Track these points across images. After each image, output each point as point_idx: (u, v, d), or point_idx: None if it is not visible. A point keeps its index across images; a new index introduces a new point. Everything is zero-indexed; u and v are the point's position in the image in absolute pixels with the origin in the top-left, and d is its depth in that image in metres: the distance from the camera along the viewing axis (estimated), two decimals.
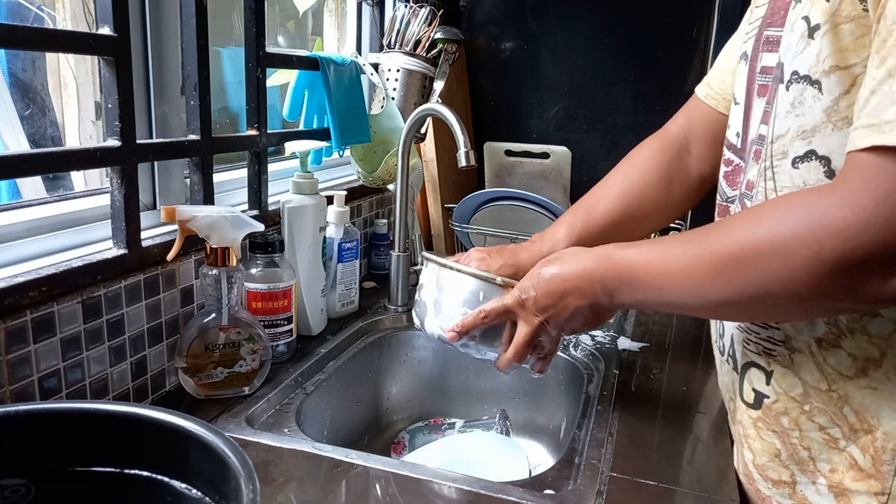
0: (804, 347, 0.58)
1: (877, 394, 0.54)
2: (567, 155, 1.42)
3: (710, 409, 0.83)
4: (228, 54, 1.27)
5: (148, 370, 0.78)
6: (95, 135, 1.30)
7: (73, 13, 1.20)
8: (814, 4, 0.51)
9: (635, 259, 0.61)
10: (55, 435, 0.46)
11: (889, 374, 0.53)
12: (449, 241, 1.46)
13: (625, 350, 1.01)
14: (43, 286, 0.63)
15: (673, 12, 1.43)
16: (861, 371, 0.54)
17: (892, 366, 0.53)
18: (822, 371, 0.57)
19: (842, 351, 0.55)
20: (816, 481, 0.58)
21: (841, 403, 0.56)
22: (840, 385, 0.56)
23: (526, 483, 0.67)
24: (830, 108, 0.51)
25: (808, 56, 0.52)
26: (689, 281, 0.56)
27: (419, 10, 1.24)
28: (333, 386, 0.93)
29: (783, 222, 0.49)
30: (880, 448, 0.54)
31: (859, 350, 0.54)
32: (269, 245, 0.88)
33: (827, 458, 0.57)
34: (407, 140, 1.06)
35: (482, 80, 1.58)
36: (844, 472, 0.56)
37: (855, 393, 0.55)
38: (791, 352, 0.59)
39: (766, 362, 0.61)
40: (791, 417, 0.59)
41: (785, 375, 0.59)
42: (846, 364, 0.55)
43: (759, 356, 0.62)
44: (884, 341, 0.53)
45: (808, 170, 0.54)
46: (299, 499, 0.63)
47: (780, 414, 0.60)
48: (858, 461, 0.56)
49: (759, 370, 0.62)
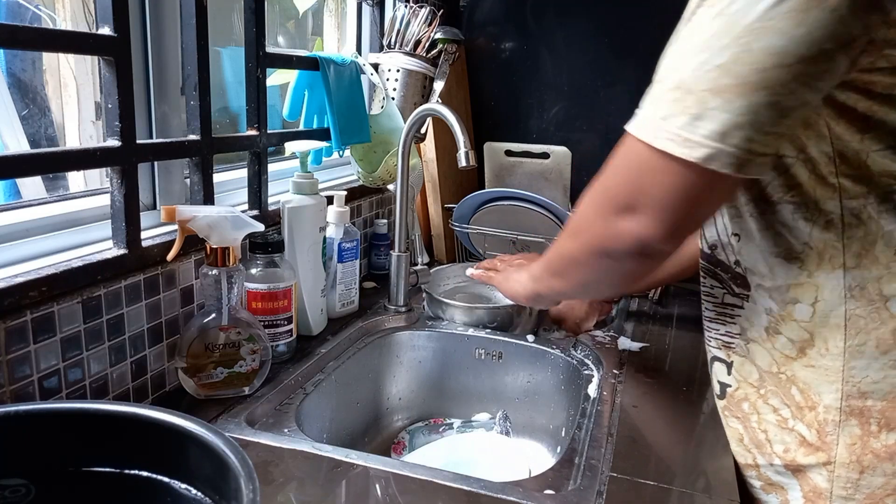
0: (756, 337, 0.66)
1: (815, 371, 0.61)
2: (567, 155, 1.41)
3: (709, 409, 0.83)
4: (228, 54, 1.27)
5: (148, 370, 0.78)
6: (95, 135, 1.30)
7: (73, 13, 1.20)
8: None
9: (543, 258, 0.77)
10: (55, 435, 0.46)
11: (821, 352, 0.60)
12: (449, 242, 1.46)
13: (625, 350, 1.01)
14: (43, 286, 0.63)
15: (673, 12, 1.42)
16: (801, 351, 0.62)
17: (821, 345, 0.60)
18: (772, 356, 0.64)
19: (782, 336, 0.63)
20: (773, 462, 0.66)
21: (789, 384, 0.63)
22: (787, 367, 0.63)
23: (526, 483, 0.67)
24: None
25: None
26: (552, 272, 0.74)
27: (419, 10, 1.24)
28: (333, 386, 0.93)
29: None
30: (822, 421, 0.61)
31: (794, 334, 0.62)
32: (269, 245, 0.88)
33: (780, 438, 0.64)
34: (407, 140, 1.06)
35: (482, 80, 1.58)
36: (796, 449, 0.63)
37: (799, 372, 0.62)
38: (747, 342, 0.67)
39: (727, 355, 0.70)
40: (750, 402, 0.67)
41: (743, 363, 0.68)
42: (788, 346, 0.63)
43: (719, 350, 0.71)
44: (809, 324, 0.60)
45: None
46: (299, 499, 0.63)
47: (742, 400, 0.68)
48: (806, 437, 0.62)
49: (720, 363, 0.71)
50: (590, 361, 0.98)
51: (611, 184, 0.57)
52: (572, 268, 0.67)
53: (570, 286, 0.72)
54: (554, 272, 0.73)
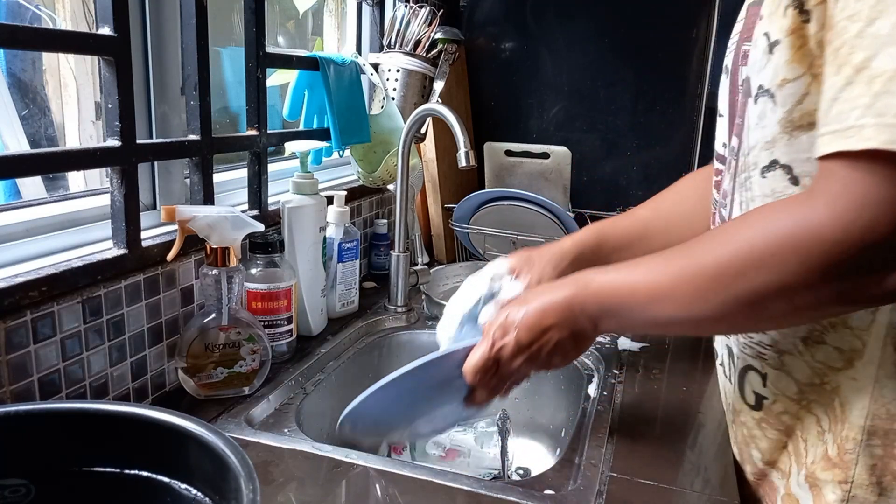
0: (791, 348, 0.59)
1: (857, 384, 0.56)
2: (567, 155, 1.41)
3: (709, 410, 0.83)
4: (228, 54, 1.27)
5: (148, 370, 0.78)
6: (95, 135, 1.30)
7: (73, 13, 1.19)
8: (772, 21, 0.54)
9: (618, 281, 0.60)
10: (55, 435, 0.46)
11: (868, 365, 0.55)
12: (449, 242, 1.46)
13: (625, 350, 1.01)
14: (43, 286, 0.63)
15: (673, 12, 1.43)
16: (848, 362, 0.56)
17: (872, 356, 0.55)
18: (812, 368, 0.58)
19: (827, 346, 0.57)
20: (800, 473, 0.61)
21: (833, 395, 0.57)
22: (831, 377, 0.57)
23: (526, 483, 0.67)
24: (784, 119, 0.54)
25: (769, 70, 0.54)
26: (678, 298, 0.55)
27: (419, 10, 1.24)
28: (333, 386, 0.93)
29: (768, 232, 0.49)
30: (845, 438, 0.57)
31: (843, 342, 0.56)
32: (269, 245, 0.88)
33: (814, 450, 0.60)
34: (407, 140, 1.06)
35: (482, 80, 1.58)
36: (818, 462, 0.59)
37: (844, 383, 0.56)
38: (780, 354, 0.60)
39: (761, 365, 0.62)
40: (791, 414, 0.61)
41: (779, 377, 0.61)
42: (834, 357, 0.56)
43: (754, 360, 0.63)
44: (864, 332, 0.55)
45: (775, 178, 0.56)
46: (299, 499, 0.63)
47: (781, 413, 0.62)
48: (828, 451, 0.58)
49: (755, 373, 0.63)
50: (590, 361, 0.98)
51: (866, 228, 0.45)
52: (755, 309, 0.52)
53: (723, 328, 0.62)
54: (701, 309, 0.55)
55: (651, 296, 0.57)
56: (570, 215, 1.28)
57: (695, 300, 0.54)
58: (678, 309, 0.55)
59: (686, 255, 0.56)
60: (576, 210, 1.40)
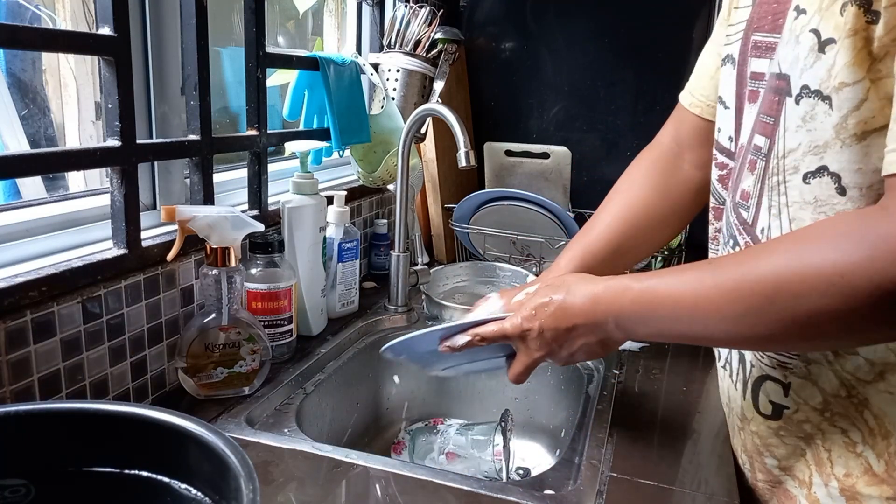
0: (820, 358, 0.56)
1: (894, 399, 0.53)
2: (567, 155, 1.41)
3: (709, 410, 0.83)
4: (228, 54, 1.27)
5: (148, 370, 0.78)
6: (95, 135, 1.30)
7: (73, 13, 1.19)
8: (824, 18, 0.50)
9: (660, 291, 0.57)
10: (55, 435, 0.46)
11: None
12: (449, 242, 1.46)
13: (625, 350, 1.01)
14: (43, 286, 0.63)
15: (673, 12, 1.43)
16: (879, 375, 0.53)
17: None
18: (841, 378, 0.56)
19: (858, 357, 0.54)
20: (829, 484, 0.58)
21: (861, 408, 0.55)
22: (859, 390, 0.55)
23: (526, 483, 0.67)
24: (839, 124, 0.50)
25: (819, 71, 0.50)
26: (728, 313, 0.52)
27: (419, 10, 1.24)
28: (333, 386, 0.93)
29: (838, 249, 0.46)
30: (893, 453, 0.54)
31: (876, 355, 0.53)
32: (269, 245, 0.88)
33: (844, 462, 0.57)
34: (407, 140, 1.06)
35: (482, 80, 1.58)
36: (858, 476, 0.56)
37: (875, 397, 0.54)
38: (807, 363, 0.58)
39: (783, 375, 0.60)
40: (813, 423, 0.59)
41: (803, 386, 0.58)
42: (864, 369, 0.54)
43: (773, 369, 0.60)
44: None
45: (820, 186, 0.52)
46: (299, 499, 0.63)
47: (802, 422, 0.60)
48: (873, 466, 0.55)
49: (774, 383, 0.61)
50: (590, 361, 0.98)
51: None
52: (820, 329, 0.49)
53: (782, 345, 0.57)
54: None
55: (697, 308, 0.54)
56: (570, 215, 1.28)
57: (746, 316, 0.51)
58: (726, 324, 0.53)
59: (736, 266, 0.53)
60: (576, 210, 1.40)
